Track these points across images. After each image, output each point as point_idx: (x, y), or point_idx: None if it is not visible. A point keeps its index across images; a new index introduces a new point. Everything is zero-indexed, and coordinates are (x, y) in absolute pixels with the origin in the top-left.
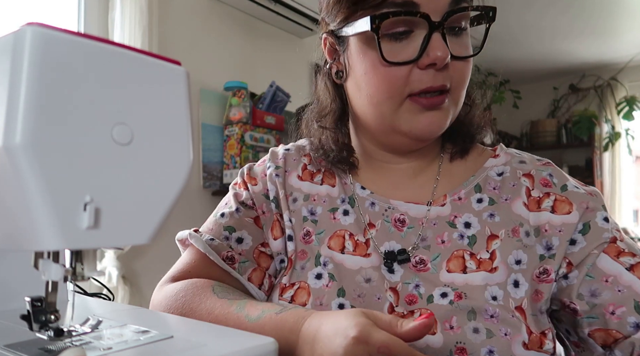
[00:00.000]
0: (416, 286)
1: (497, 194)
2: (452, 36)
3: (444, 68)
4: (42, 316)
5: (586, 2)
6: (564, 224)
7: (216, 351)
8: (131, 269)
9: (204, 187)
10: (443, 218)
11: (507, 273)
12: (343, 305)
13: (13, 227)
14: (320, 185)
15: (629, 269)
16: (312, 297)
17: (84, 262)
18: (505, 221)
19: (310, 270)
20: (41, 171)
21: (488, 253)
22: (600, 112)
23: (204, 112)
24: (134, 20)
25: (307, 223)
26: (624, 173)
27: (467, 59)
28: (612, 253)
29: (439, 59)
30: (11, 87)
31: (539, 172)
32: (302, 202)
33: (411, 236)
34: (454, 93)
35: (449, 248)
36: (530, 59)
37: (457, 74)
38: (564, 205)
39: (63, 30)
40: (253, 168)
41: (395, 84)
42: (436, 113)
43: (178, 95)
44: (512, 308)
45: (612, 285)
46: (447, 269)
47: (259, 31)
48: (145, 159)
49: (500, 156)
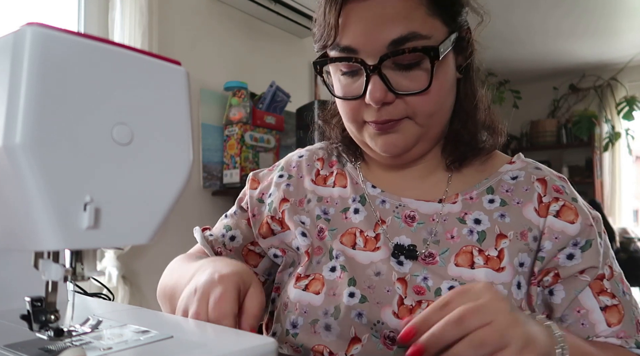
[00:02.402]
0: (424, 279)
1: (510, 196)
2: (401, 71)
3: (390, 103)
4: (42, 316)
5: (586, 3)
6: (562, 232)
7: (216, 351)
8: (131, 269)
9: (204, 187)
10: (453, 214)
11: (513, 275)
12: (353, 294)
13: (13, 227)
14: (332, 187)
15: (602, 309)
16: (326, 287)
17: (84, 262)
18: (515, 223)
19: (325, 264)
20: (41, 171)
21: (496, 251)
22: (600, 112)
23: (204, 112)
24: (134, 20)
25: (320, 221)
26: (624, 173)
27: (424, 91)
28: (595, 289)
29: (373, 100)
30: (11, 87)
31: (553, 180)
32: (316, 203)
33: (421, 231)
34: (417, 118)
35: (458, 243)
36: (530, 59)
37: (412, 106)
38: (570, 213)
39: (63, 30)
40: (259, 173)
41: (351, 113)
42: (392, 135)
43: (178, 95)
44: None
45: (580, 316)
46: (455, 263)
47: (259, 31)
48: (145, 159)
49: (516, 163)
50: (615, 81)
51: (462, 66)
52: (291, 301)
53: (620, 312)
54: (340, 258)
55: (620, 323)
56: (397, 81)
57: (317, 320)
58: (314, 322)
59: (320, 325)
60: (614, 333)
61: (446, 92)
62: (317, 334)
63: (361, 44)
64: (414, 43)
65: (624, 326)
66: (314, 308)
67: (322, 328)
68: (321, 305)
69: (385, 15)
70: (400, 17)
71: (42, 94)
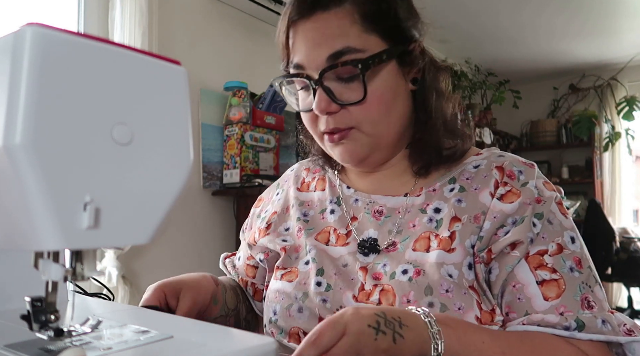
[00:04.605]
0: (384, 265)
1: (469, 183)
2: (343, 83)
3: (335, 113)
4: (42, 316)
5: (586, 3)
6: (500, 211)
7: (216, 351)
8: (131, 269)
9: (204, 187)
10: (417, 206)
11: (464, 255)
12: (320, 283)
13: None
14: (314, 192)
15: (539, 283)
16: (299, 277)
17: (84, 262)
18: (470, 207)
19: (301, 259)
20: (41, 171)
21: (449, 232)
22: (600, 112)
23: (204, 112)
24: (134, 20)
25: (299, 223)
26: (624, 173)
27: (361, 101)
28: (532, 264)
29: (318, 110)
30: (11, 87)
31: (511, 166)
32: (298, 207)
33: (387, 223)
34: (363, 127)
35: (417, 231)
36: (530, 59)
37: (355, 116)
38: (513, 196)
39: (63, 30)
40: (264, 192)
41: (309, 125)
42: (344, 145)
43: (178, 95)
44: (466, 286)
45: (516, 291)
46: (413, 248)
47: (259, 31)
48: (145, 159)
49: (483, 154)
50: (615, 81)
51: (416, 79)
52: (272, 292)
53: (561, 287)
54: (312, 252)
55: (560, 298)
56: (339, 92)
57: (291, 304)
58: (289, 307)
59: (294, 308)
60: (553, 307)
61: (388, 102)
62: (292, 317)
63: (306, 60)
64: (348, 57)
65: (563, 300)
66: (287, 294)
67: (296, 311)
68: (292, 291)
69: (324, 34)
70: (337, 34)
71: (42, 94)
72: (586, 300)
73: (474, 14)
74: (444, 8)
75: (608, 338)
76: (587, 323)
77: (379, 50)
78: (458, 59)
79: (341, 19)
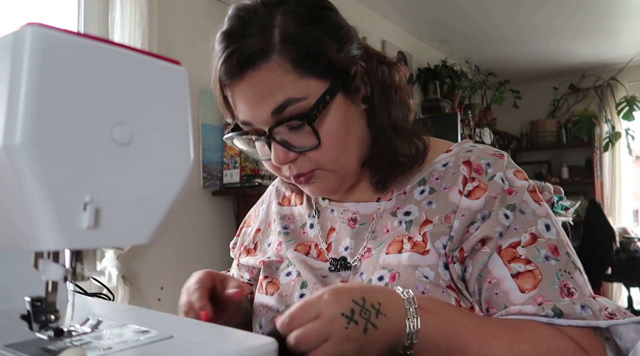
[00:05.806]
0: (360, 274)
1: (438, 183)
2: (295, 132)
3: (295, 160)
4: (42, 316)
5: (586, 3)
6: (468, 208)
7: (216, 351)
8: (131, 269)
9: (204, 187)
10: (388, 210)
11: (438, 257)
12: (304, 295)
13: (13, 227)
14: (294, 206)
15: (514, 276)
16: (280, 289)
17: (84, 262)
18: (441, 208)
19: (282, 270)
20: (41, 171)
21: (420, 236)
22: (600, 112)
23: (204, 112)
24: (134, 20)
25: (280, 236)
26: (623, 173)
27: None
28: (505, 257)
29: (278, 163)
30: (11, 87)
31: (479, 160)
32: (279, 221)
33: (363, 231)
34: (326, 167)
35: (391, 235)
36: (530, 59)
37: (315, 159)
38: (480, 192)
39: (63, 30)
40: (251, 210)
41: (274, 171)
42: (313, 185)
43: (178, 95)
44: (443, 286)
45: (492, 287)
46: (386, 252)
47: None
48: (145, 159)
49: (452, 150)
50: (615, 81)
51: (366, 96)
52: (256, 306)
53: (537, 277)
54: (296, 265)
55: (537, 288)
56: (294, 140)
57: (274, 317)
58: (272, 319)
59: None
60: (531, 298)
61: (342, 138)
62: None
63: (252, 118)
64: (291, 108)
65: (541, 290)
66: (270, 308)
67: None
68: (274, 304)
69: (261, 91)
70: (274, 88)
71: (42, 94)
72: (565, 287)
73: (474, 14)
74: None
75: (588, 323)
76: (565, 311)
77: (321, 93)
78: (458, 59)
79: (273, 71)
